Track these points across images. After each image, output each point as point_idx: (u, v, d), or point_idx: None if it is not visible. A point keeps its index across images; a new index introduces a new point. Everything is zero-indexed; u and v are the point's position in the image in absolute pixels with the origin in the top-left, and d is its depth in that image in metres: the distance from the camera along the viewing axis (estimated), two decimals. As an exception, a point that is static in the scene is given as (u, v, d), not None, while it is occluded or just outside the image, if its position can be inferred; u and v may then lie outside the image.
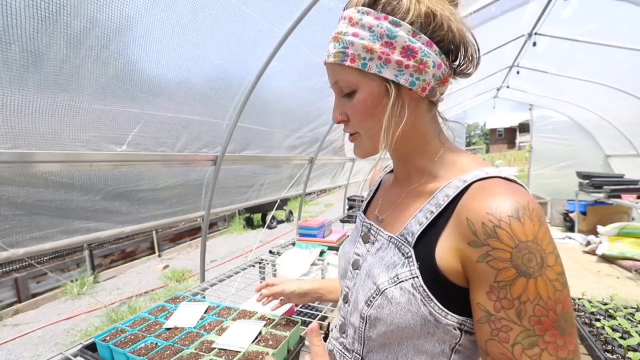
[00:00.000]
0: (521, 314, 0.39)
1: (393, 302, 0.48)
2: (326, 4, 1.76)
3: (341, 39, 0.50)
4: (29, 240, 1.26)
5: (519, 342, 0.39)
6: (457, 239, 0.45)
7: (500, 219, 0.41)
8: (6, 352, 3.44)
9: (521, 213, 0.40)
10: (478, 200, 0.44)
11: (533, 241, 0.39)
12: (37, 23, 0.99)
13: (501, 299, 0.40)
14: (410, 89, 0.50)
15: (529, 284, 0.39)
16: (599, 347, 1.16)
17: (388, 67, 0.49)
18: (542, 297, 0.38)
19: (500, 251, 0.40)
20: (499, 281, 0.40)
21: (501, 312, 0.40)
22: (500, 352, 0.40)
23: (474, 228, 0.42)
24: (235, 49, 1.72)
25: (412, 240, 0.51)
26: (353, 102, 0.53)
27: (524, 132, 28.05)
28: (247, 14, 1.55)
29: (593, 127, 5.13)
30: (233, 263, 5.71)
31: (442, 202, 0.49)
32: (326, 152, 3.57)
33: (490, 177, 0.47)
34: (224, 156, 2.04)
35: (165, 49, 1.41)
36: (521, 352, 0.39)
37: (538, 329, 0.38)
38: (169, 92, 1.57)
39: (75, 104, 1.22)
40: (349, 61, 0.50)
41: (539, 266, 0.39)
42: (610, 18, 2.51)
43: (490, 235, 0.41)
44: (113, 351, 0.93)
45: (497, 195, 0.43)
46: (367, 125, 0.53)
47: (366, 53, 0.49)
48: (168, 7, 1.29)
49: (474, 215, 0.43)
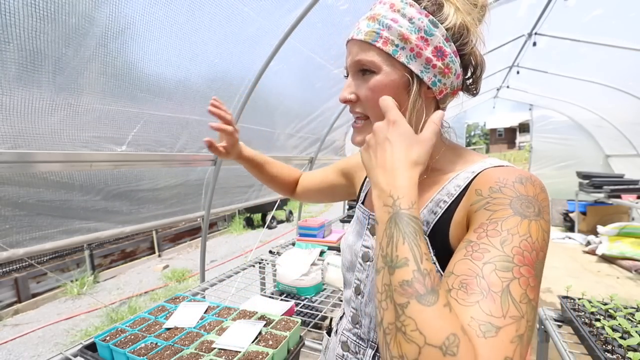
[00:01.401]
0: (505, 242, 0.38)
1: None
2: (325, 3, 1.76)
3: (379, 19, 0.50)
4: (29, 240, 1.26)
5: (491, 262, 0.36)
6: (464, 208, 0.48)
7: (505, 182, 0.44)
8: (6, 352, 3.44)
9: (524, 180, 0.44)
10: (487, 176, 0.47)
11: (533, 197, 0.42)
12: (35, 22, 0.99)
13: (488, 230, 0.39)
14: (429, 88, 0.51)
15: (523, 222, 0.39)
16: (599, 347, 1.16)
17: (417, 61, 0.50)
18: (531, 235, 0.38)
19: (501, 199, 0.42)
20: (492, 218, 0.41)
21: (484, 239, 0.39)
22: (468, 267, 0.37)
23: (481, 192, 0.45)
24: (234, 48, 1.72)
25: (428, 229, 0.52)
26: (370, 83, 0.52)
27: (524, 132, 28.06)
28: (245, 12, 1.55)
29: (593, 127, 5.13)
30: (233, 263, 5.71)
31: (454, 191, 0.51)
32: (326, 152, 3.57)
33: (496, 166, 0.50)
34: (224, 156, 2.03)
35: (164, 47, 1.41)
36: (491, 270, 0.36)
37: (517, 260, 0.36)
38: (168, 92, 1.57)
39: (74, 104, 1.22)
40: (380, 43, 0.50)
41: (535, 214, 0.40)
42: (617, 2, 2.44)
43: (495, 191, 0.44)
44: (113, 351, 0.93)
45: (505, 171, 0.47)
46: (379, 112, 0.52)
47: (400, 41, 0.49)
48: (166, 6, 1.29)
49: (482, 184, 0.46)
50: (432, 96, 0.53)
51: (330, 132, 3.19)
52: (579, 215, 4.47)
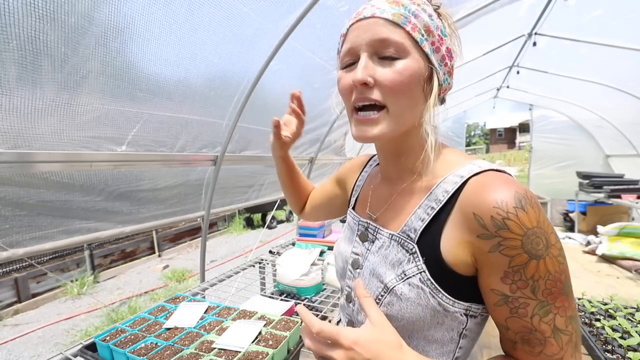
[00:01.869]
0: (535, 289, 0.43)
1: (403, 298, 0.50)
2: (325, 3, 1.76)
3: (404, 5, 0.49)
4: (29, 240, 1.26)
5: (536, 314, 0.44)
6: (464, 233, 0.47)
7: (507, 211, 0.44)
8: (6, 352, 3.44)
9: (524, 202, 0.44)
10: (481, 195, 0.46)
11: (537, 226, 0.43)
12: (35, 21, 0.99)
13: (516, 281, 0.44)
14: (439, 84, 0.52)
15: (539, 264, 0.43)
16: (599, 347, 1.16)
17: (435, 56, 0.51)
18: (550, 272, 0.43)
19: (512, 240, 0.43)
20: (512, 266, 0.44)
21: (517, 293, 0.44)
22: (521, 325, 0.45)
23: (483, 222, 0.45)
24: (233, 48, 1.71)
25: (415, 236, 0.51)
26: (397, 68, 0.48)
27: (524, 132, 28.06)
28: (245, 12, 1.55)
29: (593, 127, 5.13)
30: (233, 263, 5.71)
31: (442, 197, 0.50)
32: (327, 152, 3.57)
33: (484, 170, 0.49)
34: (224, 156, 2.03)
35: (163, 47, 1.41)
36: (539, 321, 0.44)
37: (550, 299, 0.43)
38: (167, 91, 1.57)
39: (74, 103, 1.21)
40: (410, 27, 0.48)
41: (545, 247, 0.43)
42: (616, 3, 2.43)
43: (501, 227, 0.44)
44: (113, 351, 0.93)
45: (498, 188, 0.46)
46: (402, 101, 0.50)
47: (425, 32, 0.49)
48: (165, 6, 1.28)
49: (481, 210, 0.45)
50: (438, 92, 0.54)
51: (330, 132, 3.19)
52: (579, 215, 4.47)
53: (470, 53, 3.29)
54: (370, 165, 0.74)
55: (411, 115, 0.52)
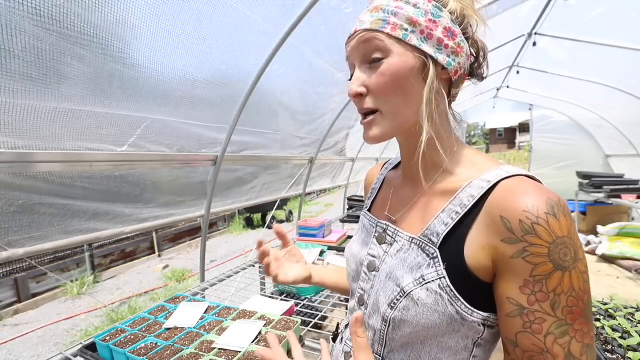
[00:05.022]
0: (555, 305, 0.40)
1: (419, 303, 0.48)
2: (327, 3, 1.76)
3: (383, 8, 0.49)
4: (29, 240, 1.26)
5: (551, 333, 0.40)
6: (489, 237, 0.45)
7: (538, 216, 0.41)
8: (6, 352, 3.44)
9: (556, 210, 0.41)
10: (511, 199, 0.44)
11: (568, 236, 0.41)
12: (40, 30, 0.99)
13: (536, 293, 0.41)
14: (444, 68, 0.50)
15: (564, 277, 0.40)
16: (599, 347, 1.16)
17: (429, 43, 0.49)
18: (575, 288, 0.40)
19: (538, 247, 0.41)
20: (535, 275, 0.41)
21: (535, 305, 0.41)
22: (532, 343, 0.41)
23: (510, 225, 0.43)
24: (240, 55, 1.73)
25: (438, 241, 0.50)
26: (381, 69, 0.49)
27: (524, 132, 28.06)
28: (252, 19, 1.56)
29: (593, 127, 5.13)
30: (233, 263, 5.71)
31: (468, 202, 0.49)
32: (327, 153, 3.57)
33: (513, 175, 0.47)
34: (224, 156, 2.04)
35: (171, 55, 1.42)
36: (553, 341, 0.40)
37: (570, 319, 0.40)
38: (174, 100, 1.58)
39: (78, 110, 1.22)
40: (389, 29, 0.48)
41: (573, 260, 0.40)
42: (617, 4, 2.42)
43: (528, 231, 0.41)
44: (113, 351, 0.93)
45: (529, 193, 0.43)
46: (393, 100, 0.50)
47: (409, 25, 0.48)
48: (174, 17, 1.30)
49: (510, 213, 0.43)
50: (447, 77, 0.52)
51: (330, 132, 3.19)
52: (579, 215, 4.47)
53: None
54: (386, 168, 0.73)
55: (409, 111, 0.51)
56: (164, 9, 1.26)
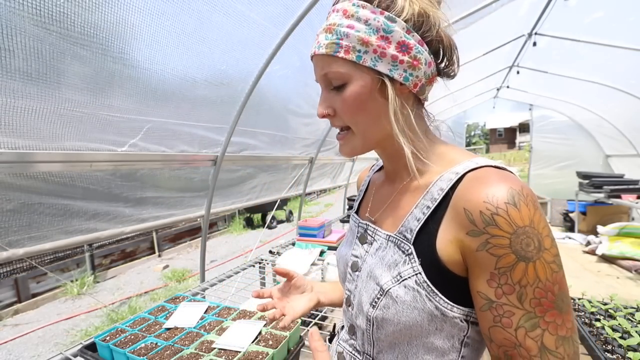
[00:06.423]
0: (522, 297, 0.40)
1: (398, 300, 0.48)
2: (327, 3, 1.76)
3: (335, 30, 0.49)
4: (29, 240, 1.26)
5: (521, 326, 0.40)
6: (456, 230, 0.45)
7: (497, 207, 0.41)
8: (6, 352, 3.44)
9: (517, 199, 0.41)
10: (473, 190, 0.44)
11: (530, 225, 0.40)
12: (40, 30, 0.99)
13: (502, 285, 0.41)
14: (402, 84, 0.50)
15: (528, 267, 0.39)
16: (599, 347, 1.16)
17: (383, 61, 0.49)
18: (540, 279, 0.40)
19: (500, 238, 0.40)
20: (499, 267, 0.41)
21: (502, 298, 0.41)
22: (504, 337, 0.41)
23: (472, 217, 0.43)
24: (240, 54, 1.73)
25: (412, 237, 0.50)
26: (344, 96, 0.51)
27: (524, 132, 28.05)
28: (252, 18, 1.55)
29: (593, 127, 5.13)
30: (233, 263, 5.71)
31: (437, 195, 0.49)
32: (327, 152, 3.57)
33: (481, 166, 0.47)
34: (224, 156, 2.03)
35: (170, 56, 1.42)
36: (524, 335, 0.40)
37: (539, 311, 0.40)
38: (175, 100, 1.58)
39: (78, 110, 1.22)
40: (342, 53, 0.49)
41: (536, 250, 0.40)
42: (617, 5, 2.43)
43: (489, 223, 0.41)
44: (113, 351, 0.93)
45: (491, 183, 0.43)
46: (359, 120, 0.52)
47: (361, 45, 0.48)
48: (174, 17, 1.30)
49: (471, 204, 0.43)
50: (408, 91, 0.51)
51: (330, 132, 3.19)
52: (579, 215, 4.47)
53: (470, 53, 3.29)
54: (373, 170, 0.74)
55: (378, 128, 0.53)
56: (164, 9, 1.26)
